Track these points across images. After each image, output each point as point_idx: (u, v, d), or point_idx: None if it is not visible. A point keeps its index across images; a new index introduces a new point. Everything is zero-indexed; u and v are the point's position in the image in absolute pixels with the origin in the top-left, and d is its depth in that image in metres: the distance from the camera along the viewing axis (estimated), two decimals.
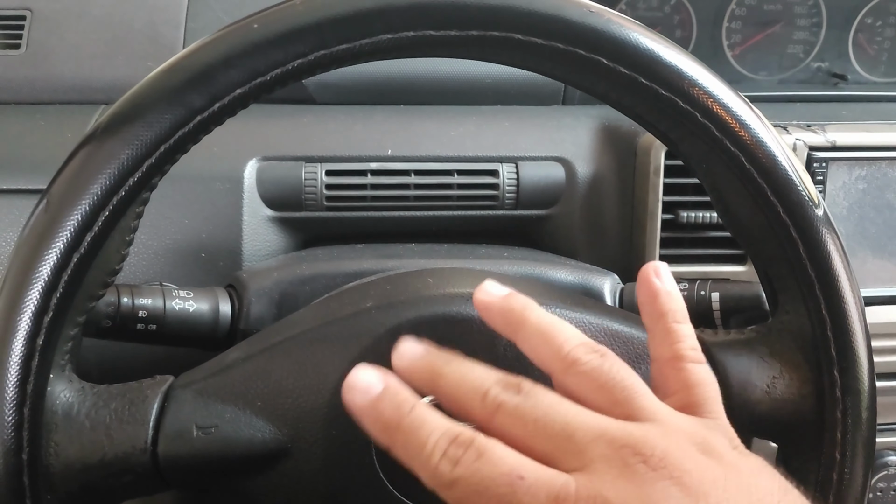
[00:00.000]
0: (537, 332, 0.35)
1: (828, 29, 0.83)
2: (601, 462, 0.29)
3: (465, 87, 0.72)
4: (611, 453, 0.30)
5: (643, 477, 0.29)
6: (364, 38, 0.36)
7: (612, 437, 0.30)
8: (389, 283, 0.44)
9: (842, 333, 0.40)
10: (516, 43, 0.37)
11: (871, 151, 0.66)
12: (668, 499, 0.28)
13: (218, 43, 0.37)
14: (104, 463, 0.37)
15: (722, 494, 0.29)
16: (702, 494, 0.29)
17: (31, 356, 0.35)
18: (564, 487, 0.29)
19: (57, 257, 0.35)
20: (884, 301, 0.68)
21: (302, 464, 0.40)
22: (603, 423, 0.31)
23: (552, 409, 0.32)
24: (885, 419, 0.71)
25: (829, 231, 0.40)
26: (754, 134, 0.39)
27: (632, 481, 0.29)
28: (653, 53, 0.38)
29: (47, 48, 0.70)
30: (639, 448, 0.30)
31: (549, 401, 0.32)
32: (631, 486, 0.29)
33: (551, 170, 0.66)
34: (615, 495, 0.28)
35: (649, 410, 0.32)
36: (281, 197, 0.63)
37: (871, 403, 0.41)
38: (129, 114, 0.36)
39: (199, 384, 0.40)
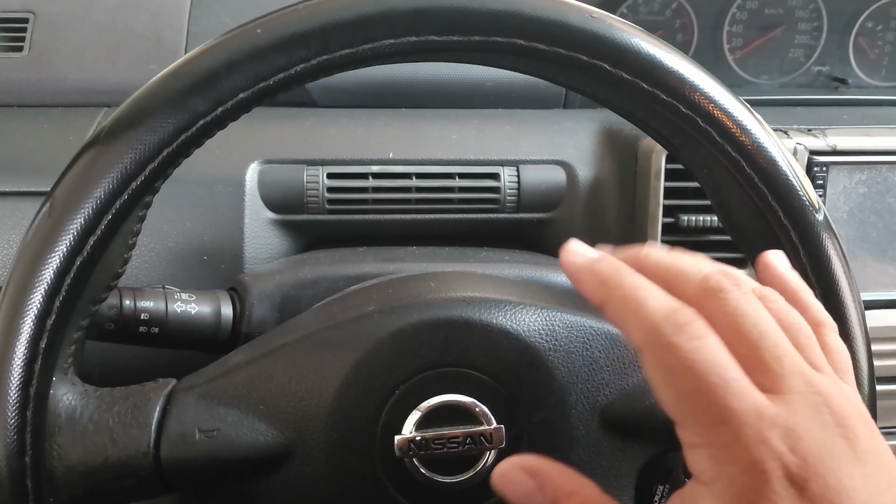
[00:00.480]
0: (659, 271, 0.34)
1: (829, 33, 0.83)
2: (797, 397, 0.30)
3: (467, 91, 0.73)
4: (808, 394, 0.30)
5: (829, 429, 0.30)
6: (367, 43, 0.37)
7: (811, 380, 0.31)
8: (391, 286, 0.44)
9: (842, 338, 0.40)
10: (519, 48, 0.37)
11: (872, 156, 0.66)
12: (843, 455, 0.29)
13: (221, 47, 0.37)
14: (107, 466, 0.37)
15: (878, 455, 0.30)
16: (868, 461, 0.30)
17: (34, 359, 0.35)
18: (768, 407, 0.29)
19: (60, 261, 0.35)
20: (884, 305, 0.68)
21: (304, 467, 0.40)
22: (801, 360, 0.32)
23: (768, 322, 0.32)
24: (886, 423, 0.71)
25: (829, 236, 0.40)
26: (755, 139, 0.39)
27: (822, 428, 0.30)
28: (654, 59, 0.38)
29: (50, 51, 0.71)
30: (829, 401, 0.30)
31: (765, 313, 0.32)
32: (820, 432, 0.29)
33: (552, 173, 0.66)
34: (806, 435, 0.29)
35: (825, 367, 0.33)
36: (283, 200, 0.63)
37: (870, 407, 0.42)
38: (132, 118, 0.37)
39: (202, 387, 0.41)
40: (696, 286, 0.33)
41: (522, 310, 0.42)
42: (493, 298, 0.42)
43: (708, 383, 0.29)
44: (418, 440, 0.40)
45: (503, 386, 0.41)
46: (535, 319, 0.42)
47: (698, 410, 0.30)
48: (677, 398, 0.31)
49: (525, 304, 0.42)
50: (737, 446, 0.29)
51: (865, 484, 0.29)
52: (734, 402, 0.29)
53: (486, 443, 0.40)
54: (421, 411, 0.40)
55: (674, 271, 0.33)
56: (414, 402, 0.40)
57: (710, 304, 0.32)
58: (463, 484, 0.41)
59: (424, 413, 0.40)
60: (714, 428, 0.29)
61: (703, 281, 0.32)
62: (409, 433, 0.40)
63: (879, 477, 0.30)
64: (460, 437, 0.40)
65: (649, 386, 0.42)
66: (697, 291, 0.32)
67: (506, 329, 0.41)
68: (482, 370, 0.41)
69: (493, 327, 0.41)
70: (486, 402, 0.41)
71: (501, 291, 0.43)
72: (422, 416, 0.40)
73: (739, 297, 0.32)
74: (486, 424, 0.40)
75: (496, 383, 0.41)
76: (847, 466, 0.29)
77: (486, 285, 0.44)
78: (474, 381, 0.41)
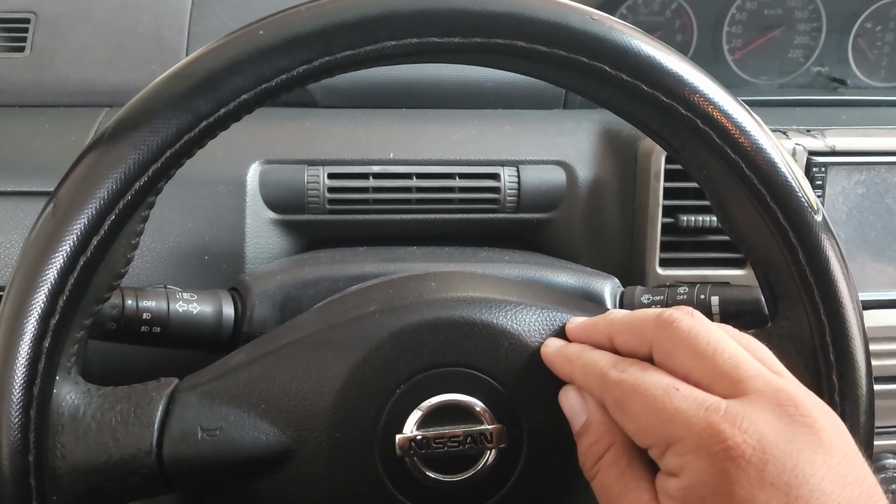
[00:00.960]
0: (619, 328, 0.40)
1: (828, 33, 0.83)
2: (756, 395, 0.33)
3: (467, 91, 0.73)
4: (768, 391, 0.33)
5: (792, 418, 0.32)
6: (369, 45, 0.37)
7: (771, 380, 0.34)
8: (392, 286, 0.44)
9: (840, 338, 0.41)
10: (519, 50, 0.38)
11: (871, 156, 0.66)
12: (805, 443, 0.31)
13: (224, 49, 0.37)
14: (110, 465, 0.38)
15: (846, 449, 0.32)
16: (835, 452, 0.31)
17: (37, 358, 0.36)
18: (716, 403, 0.33)
19: (64, 261, 0.36)
20: (882, 305, 0.68)
21: (305, 466, 0.40)
22: (761, 366, 0.35)
23: (722, 337, 0.36)
24: (883, 422, 0.71)
25: (828, 237, 0.41)
26: (754, 140, 0.39)
27: (780, 418, 0.32)
28: (654, 61, 0.38)
29: (52, 51, 0.71)
30: (792, 397, 0.33)
31: (718, 331, 0.36)
32: (778, 422, 0.32)
33: (552, 173, 0.66)
34: (763, 423, 0.32)
35: (787, 374, 0.37)
36: (284, 200, 0.63)
37: (868, 407, 0.42)
38: (135, 119, 0.37)
39: (204, 387, 0.41)
40: (653, 324, 0.37)
41: (523, 310, 0.42)
42: (494, 298, 0.42)
43: (653, 397, 0.34)
44: (419, 439, 0.40)
45: (503, 385, 0.41)
46: (536, 319, 0.42)
47: (651, 422, 0.34)
48: (635, 422, 0.35)
49: (525, 304, 0.42)
50: (689, 436, 0.32)
51: (830, 473, 0.31)
52: (679, 402, 0.33)
53: (487, 442, 0.41)
54: (422, 410, 0.40)
55: (636, 320, 0.38)
56: (415, 402, 0.40)
57: (666, 335, 0.36)
58: (463, 483, 0.41)
59: (425, 412, 0.40)
60: (666, 427, 0.33)
61: (658, 317, 0.37)
62: (410, 432, 0.40)
63: (847, 468, 0.31)
64: (461, 436, 0.40)
65: None
66: (654, 328, 0.37)
67: (506, 329, 0.41)
68: (483, 370, 0.41)
69: (494, 327, 0.41)
70: (487, 401, 0.41)
71: (502, 291, 0.43)
72: (423, 415, 0.40)
73: (692, 323, 0.36)
74: (486, 423, 0.41)
75: (496, 383, 0.41)
76: (809, 454, 0.31)
77: (486, 285, 0.44)
78: (475, 381, 0.41)
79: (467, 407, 0.41)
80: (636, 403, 0.35)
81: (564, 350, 0.41)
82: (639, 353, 0.38)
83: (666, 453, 0.33)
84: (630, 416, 0.35)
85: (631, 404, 0.35)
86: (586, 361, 0.39)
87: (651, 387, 0.35)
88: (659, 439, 0.34)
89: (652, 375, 0.35)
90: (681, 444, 0.33)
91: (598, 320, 0.41)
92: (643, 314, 0.38)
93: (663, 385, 0.34)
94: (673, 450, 0.33)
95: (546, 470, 0.42)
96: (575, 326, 0.42)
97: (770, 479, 0.30)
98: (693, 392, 0.34)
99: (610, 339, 0.39)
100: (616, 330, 0.39)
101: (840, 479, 0.31)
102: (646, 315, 0.38)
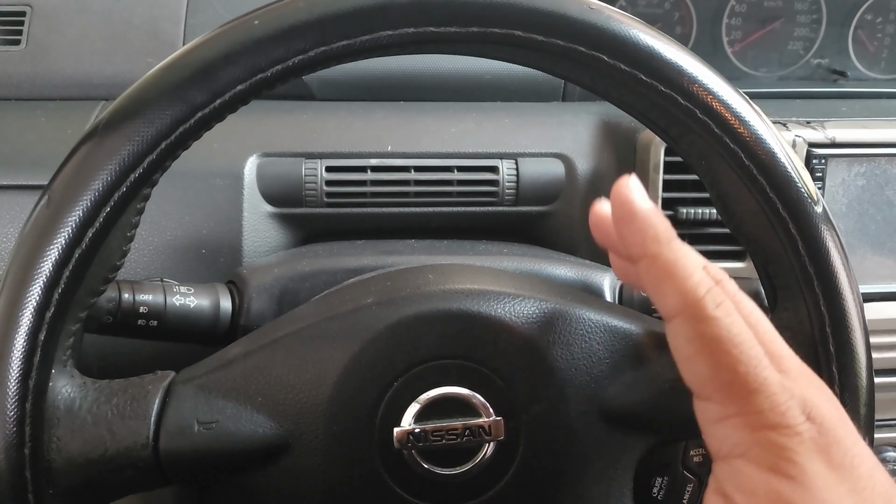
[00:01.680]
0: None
1: (828, 25, 0.83)
2: (798, 374, 0.33)
3: (465, 84, 0.72)
4: (805, 373, 0.33)
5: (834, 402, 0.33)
6: (364, 35, 0.36)
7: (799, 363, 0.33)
8: (390, 279, 0.44)
9: (840, 330, 0.40)
10: (517, 40, 0.37)
11: (871, 148, 0.66)
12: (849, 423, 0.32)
13: (219, 39, 0.37)
14: (106, 458, 0.37)
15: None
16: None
17: (32, 351, 0.35)
18: (789, 380, 0.32)
19: (58, 253, 0.35)
20: (883, 297, 0.68)
21: (302, 459, 0.40)
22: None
23: (759, 312, 0.34)
24: (884, 415, 0.71)
25: (827, 227, 0.40)
26: (753, 130, 0.39)
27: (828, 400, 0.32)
28: (653, 50, 0.38)
29: (47, 44, 0.70)
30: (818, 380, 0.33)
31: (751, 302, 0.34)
32: (828, 404, 0.32)
33: (551, 166, 0.66)
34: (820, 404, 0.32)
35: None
36: (281, 193, 0.63)
37: (869, 399, 0.42)
38: (130, 110, 0.36)
39: (201, 380, 0.41)
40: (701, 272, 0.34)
41: (521, 302, 0.42)
42: (492, 290, 0.42)
43: (746, 355, 0.32)
44: (417, 432, 0.40)
45: (502, 378, 0.41)
46: (534, 311, 0.42)
47: (735, 380, 0.32)
48: (712, 369, 0.32)
49: (524, 296, 0.42)
50: (773, 412, 0.31)
51: (869, 451, 0.32)
52: (767, 373, 0.32)
53: (485, 435, 0.40)
54: (419, 403, 0.40)
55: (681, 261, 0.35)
56: (412, 395, 0.40)
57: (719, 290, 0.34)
58: (461, 476, 0.41)
59: (423, 405, 0.40)
60: (751, 396, 0.31)
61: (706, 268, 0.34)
62: (408, 425, 0.40)
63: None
64: (459, 429, 0.40)
65: (647, 378, 0.42)
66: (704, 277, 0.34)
67: (504, 321, 0.41)
68: (481, 362, 0.41)
69: (492, 319, 0.41)
70: (485, 394, 0.41)
71: (500, 283, 0.43)
72: (420, 408, 0.40)
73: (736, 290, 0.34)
74: (484, 416, 0.40)
75: (495, 375, 0.41)
76: (854, 433, 0.32)
77: (484, 277, 0.44)
78: (473, 374, 0.41)
79: (465, 400, 0.40)
80: (724, 354, 0.32)
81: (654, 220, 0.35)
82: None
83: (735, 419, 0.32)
84: (708, 363, 0.32)
85: (718, 351, 0.32)
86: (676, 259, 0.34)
87: (745, 342, 0.32)
88: (736, 403, 0.32)
89: (742, 327, 0.33)
90: (763, 417, 0.31)
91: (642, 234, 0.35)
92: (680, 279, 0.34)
93: (754, 343, 0.32)
94: (749, 421, 0.31)
95: (544, 463, 0.41)
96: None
97: (839, 462, 0.31)
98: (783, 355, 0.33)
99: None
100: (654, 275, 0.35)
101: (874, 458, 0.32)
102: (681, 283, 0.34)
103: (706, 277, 0.34)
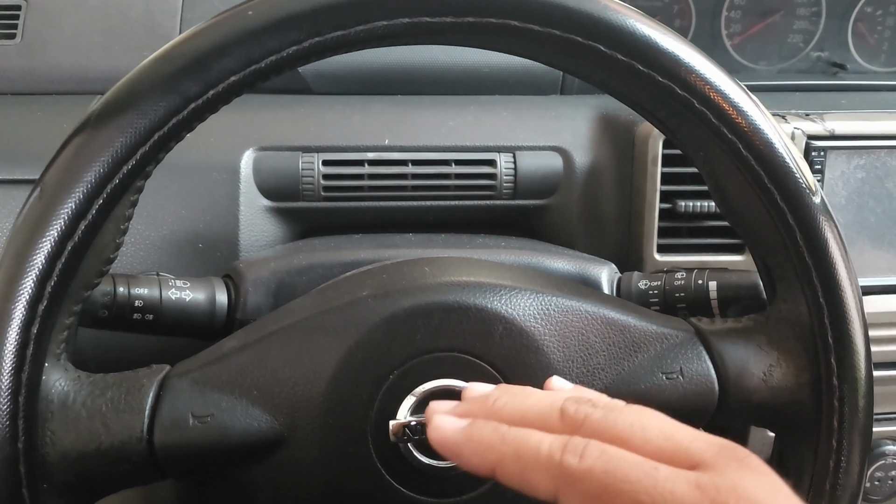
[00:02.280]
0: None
1: (827, 18, 0.82)
2: (714, 458, 0.29)
3: (463, 77, 0.72)
4: (717, 451, 0.29)
5: (758, 468, 0.29)
6: (359, 25, 0.36)
7: (708, 438, 0.30)
8: (386, 272, 0.44)
9: (839, 321, 0.40)
10: (513, 30, 0.37)
11: (870, 140, 0.66)
12: (781, 488, 0.29)
13: (212, 30, 0.36)
14: (100, 452, 0.37)
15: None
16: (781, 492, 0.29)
17: (25, 344, 0.35)
18: (699, 478, 0.28)
19: (51, 245, 0.35)
20: (882, 291, 0.68)
21: (298, 452, 0.40)
22: (689, 428, 0.31)
23: (640, 416, 0.31)
24: (882, 409, 0.71)
25: (826, 219, 0.40)
26: (751, 121, 0.39)
27: (752, 473, 0.29)
28: (650, 40, 0.38)
29: (43, 38, 0.70)
30: (734, 446, 0.30)
31: (630, 409, 0.32)
32: (754, 476, 0.29)
33: (549, 159, 0.66)
34: (749, 485, 0.28)
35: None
36: (278, 187, 0.63)
37: (867, 392, 0.41)
38: (122, 101, 0.36)
39: (196, 373, 0.40)
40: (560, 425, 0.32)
41: (517, 294, 0.42)
42: (488, 283, 0.42)
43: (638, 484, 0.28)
44: (413, 425, 0.40)
45: (498, 370, 0.41)
46: (531, 304, 0.42)
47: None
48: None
49: (520, 288, 0.42)
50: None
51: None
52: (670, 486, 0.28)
53: None
54: (415, 396, 0.40)
55: (530, 416, 0.33)
56: (408, 387, 0.40)
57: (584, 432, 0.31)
58: (457, 468, 0.40)
59: (419, 398, 0.40)
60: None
61: (562, 416, 0.32)
62: (404, 418, 0.40)
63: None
64: None
65: (644, 370, 0.42)
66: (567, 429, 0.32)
67: (501, 313, 0.41)
68: (477, 355, 0.41)
69: (488, 312, 0.41)
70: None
71: (496, 276, 0.43)
72: (416, 400, 0.40)
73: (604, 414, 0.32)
74: None
75: (491, 368, 0.41)
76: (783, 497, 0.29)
77: (480, 270, 0.43)
78: (469, 366, 0.40)
79: (461, 392, 0.40)
80: (619, 496, 0.28)
81: (474, 431, 0.33)
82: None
83: None
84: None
85: (612, 498, 0.29)
86: (520, 446, 0.31)
87: (629, 470, 0.29)
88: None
89: (618, 455, 0.29)
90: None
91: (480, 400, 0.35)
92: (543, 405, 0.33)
93: (640, 466, 0.29)
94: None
95: None
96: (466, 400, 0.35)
97: None
98: (674, 472, 0.29)
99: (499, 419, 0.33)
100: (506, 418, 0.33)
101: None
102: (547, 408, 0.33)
103: (552, 438, 0.31)
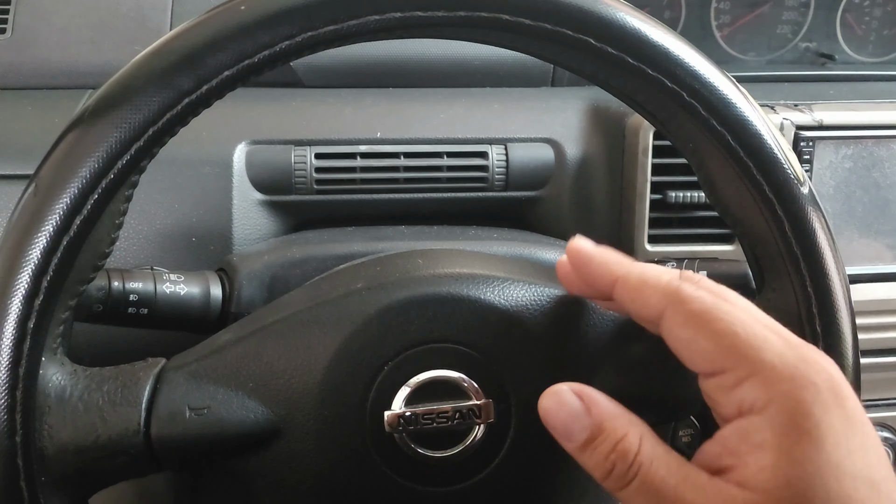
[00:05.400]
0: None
1: (816, 9, 0.83)
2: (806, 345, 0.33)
3: (455, 69, 0.72)
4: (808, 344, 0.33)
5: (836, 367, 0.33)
6: (351, 20, 0.36)
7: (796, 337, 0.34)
8: (380, 264, 0.44)
9: (827, 310, 0.41)
10: (504, 23, 0.37)
11: (858, 130, 0.66)
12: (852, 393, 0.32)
13: (205, 25, 0.37)
14: (98, 445, 0.38)
15: None
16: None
17: (22, 339, 0.35)
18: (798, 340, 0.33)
19: (47, 241, 0.35)
20: (869, 279, 0.68)
21: (294, 444, 0.40)
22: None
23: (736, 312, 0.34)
24: (870, 396, 0.72)
25: (814, 209, 0.41)
26: (740, 113, 0.39)
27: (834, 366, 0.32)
28: (640, 33, 0.38)
29: (33, 32, 0.70)
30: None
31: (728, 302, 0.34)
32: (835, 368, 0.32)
33: (540, 151, 0.66)
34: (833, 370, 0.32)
35: None
36: (271, 180, 0.63)
37: (855, 379, 0.42)
38: (116, 97, 0.36)
39: (192, 366, 0.41)
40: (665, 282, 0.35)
41: (511, 285, 0.42)
42: (481, 274, 0.42)
43: (740, 319, 0.32)
44: (408, 416, 0.40)
45: (492, 361, 0.41)
46: (524, 294, 0.42)
47: (738, 342, 0.32)
48: (713, 339, 0.32)
49: (513, 279, 0.42)
50: (785, 367, 0.31)
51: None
52: (766, 332, 0.32)
53: (475, 417, 0.41)
54: (410, 387, 0.40)
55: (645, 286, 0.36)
56: (403, 378, 0.40)
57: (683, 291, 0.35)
58: (452, 458, 0.41)
59: (413, 389, 0.40)
60: (759, 353, 0.31)
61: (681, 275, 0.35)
62: (399, 409, 0.40)
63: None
64: (449, 412, 0.40)
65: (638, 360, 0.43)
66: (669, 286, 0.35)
67: (494, 304, 0.41)
68: (471, 345, 0.41)
69: (482, 302, 0.41)
70: (475, 377, 0.41)
71: (489, 267, 0.43)
72: (411, 391, 0.40)
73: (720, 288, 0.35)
74: (474, 399, 0.41)
75: (485, 358, 0.41)
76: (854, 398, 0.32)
77: (474, 261, 0.44)
78: (463, 357, 0.41)
79: (455, 383, 0.41)
80: (722, 322, 0.32)
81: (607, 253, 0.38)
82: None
83: (749, 380, 0.31)
84: (709, 337, 0.32)
85: (713, 321, 0.32)
86: (643, 268, 0.36)
87: (732, 307, 0.33)
88: (746, 364, 0.31)
89: (732, 296, 0.34)
90: (775, 371, 0.31)
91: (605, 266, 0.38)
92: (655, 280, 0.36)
93: (748, 309, 0.33)
94: (763, 379, 0.31)
95: (535, 444, 0.42)
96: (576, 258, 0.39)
97: (852, 414, 0.31)
98: (775, 325, 0.33)
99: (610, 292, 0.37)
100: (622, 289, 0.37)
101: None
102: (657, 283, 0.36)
103: (673, 272, 0.36)
